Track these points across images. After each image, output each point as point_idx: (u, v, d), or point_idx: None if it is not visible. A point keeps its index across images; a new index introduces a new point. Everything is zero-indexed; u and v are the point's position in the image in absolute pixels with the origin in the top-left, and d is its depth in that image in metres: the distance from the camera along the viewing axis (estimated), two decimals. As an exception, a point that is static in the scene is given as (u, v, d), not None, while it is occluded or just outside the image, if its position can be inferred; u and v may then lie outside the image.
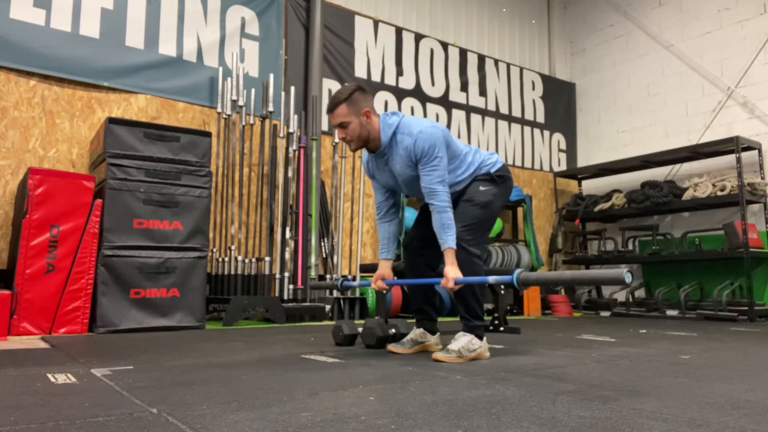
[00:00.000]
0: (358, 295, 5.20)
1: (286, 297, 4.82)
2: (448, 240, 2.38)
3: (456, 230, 2.42)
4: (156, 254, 3.73)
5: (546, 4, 8.18)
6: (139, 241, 3.69)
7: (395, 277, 2.72)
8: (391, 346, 2.69)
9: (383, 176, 2.67)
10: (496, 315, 3.96)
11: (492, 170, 2.63)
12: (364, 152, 2.68)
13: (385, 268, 2.68)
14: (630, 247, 6.70)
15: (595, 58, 7.81)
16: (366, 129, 2.50)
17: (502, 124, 7.25)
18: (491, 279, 2.24)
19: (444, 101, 6.69)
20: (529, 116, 7.56)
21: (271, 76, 5.10)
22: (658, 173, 6.78)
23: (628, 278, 1.69)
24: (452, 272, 2.34)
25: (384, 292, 2.87)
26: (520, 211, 6.91)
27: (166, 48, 4.86)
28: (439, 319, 2.87)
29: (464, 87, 6.91)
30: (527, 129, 7.51)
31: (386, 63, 6.25)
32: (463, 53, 6.99)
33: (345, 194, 5.64)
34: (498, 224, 6.35)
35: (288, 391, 1.69)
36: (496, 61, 7.32)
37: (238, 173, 4.92)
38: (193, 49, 5.00)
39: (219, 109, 4.90)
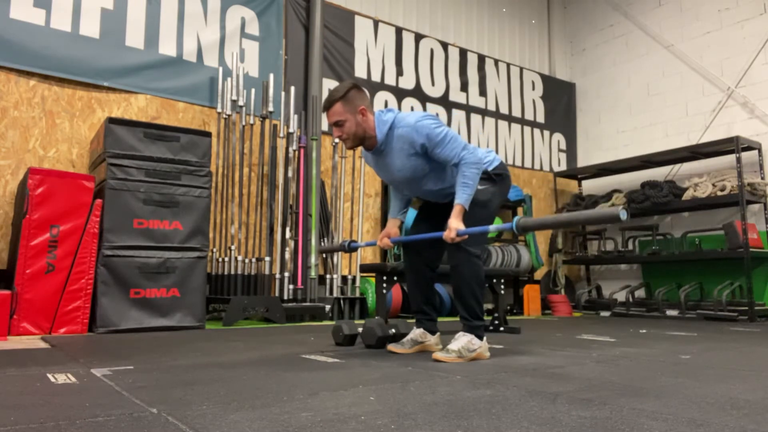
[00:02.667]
0: (357, 294, 5.21)
1: (286, 297, 4.82)
2: (461, 196, 2.40)
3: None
4: (156, 254, 3.73)
5: (546, 4, 8.18)
6: (139, 241, 3.69)
7: (400, 237, 2.75)
8: (391, 346, 2.69)
9: (382, 173, 2.67)
10: (496, 315, 3.96)
11: (489, 168, 2.62)
12: (363, 149, 2.68)
13: (392, 226, 2.74)
14: (630, 247, 6.70)
15: (595, 58, 7.81)
16: (362, 127, 2.50)
17: (502, 124, 7.25)
18: (492, 227, 2.33)
19: (444, 101, 6.69)
20: (529, 116, 7.56)
21: (271, 76, 5.10)
22: (658, 173, 6.78)
23: (623, 215, 1.71)
24: (455, 223, 2.37)
25: (391, 247, 2.87)
26: (520, 211, 6.91)
27: (166, 48, 4.86)
28: (439, 319, 2.87)
29: (464, 87, 6.91)
30: (527, 129, 7.51)
31: (386, 63, 6.25)
32: (463, 53, 6.99)
33: (345, 194, 5.64)
34: (498, 224, 6.34)
35: (288, 391, 1.69)
36: (496, 61, 7.32)
37: (238, 173, 4.92)
38: (193, 49, 5.00)
39: (219, 109, 4.90)
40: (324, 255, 5.32)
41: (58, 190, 3.52)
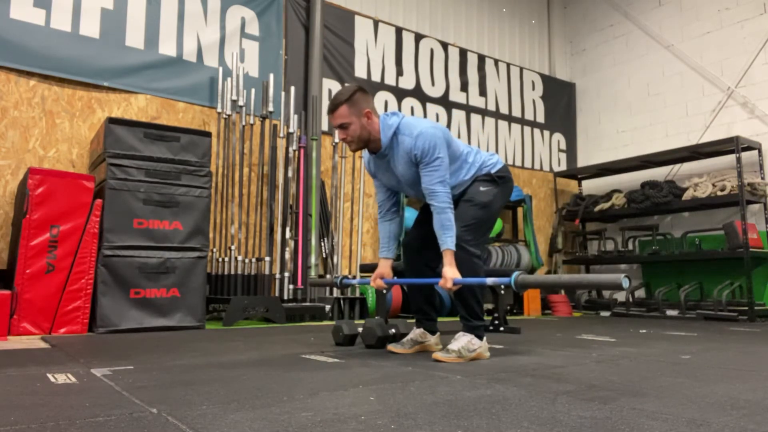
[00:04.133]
0: (357, 294, 5.20)
1: (286, 297, 4.82)
2: (447, 241, 2.39)
3: (456, 230, 2.42)
4: (156, 254, 3.73)
5: (546, 4, 8.18)
6: (139, 241, 3.69)
7: (395, 277, 2.73)
8: (391, 346, 2.69)
9: (385, 177, 2.67)
10: (496, 315, 3.96)
11: (493, 171, 2.63)
12: (365, 152, 2.68)
13: (384, 267, 2.68)
14: (630, 247, 6.70)
15: (595, 58, 7.81)
16: (367, 130, 2.50)
17: (502, 124, 7.25)
18: (489, 281, 2.26)
19: (444, 101, 6.69)
20: (529, 116, 7.56)
21: (271, 76, 5.10)
22: (658, 173, 6.78)
23: (625, 284, 1.69)
24: (450, 273, 2.34)
25: (383, 291, 2.88)
26: (520, 211, 6.91)
27: (166, 48, 4.86)
28: (439, 319, 2.87)
29: (464, 87, 6.91)
30: (527, 129, 7.51)
31: (386, 63, 6.25)
32: (463, 53, 6.99)
33: (345, 194, 5.64)
34: (498, 224, 6.35)
35: (288, 391, 1.69)
36: (496, 61, 7.32)
37: (238, 173, 4.92)
38: (193, 49, 5.00)
39: (219, 109, 4.90)
40: (324, 255, 5.31)
41: (58, 190, 3.52)
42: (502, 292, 4.02)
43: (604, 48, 7.69)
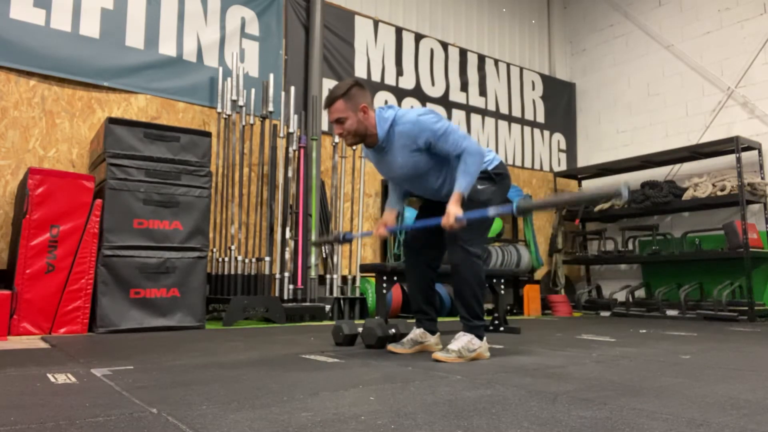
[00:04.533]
0: (357, 295, 5.20)
1: (286, 297, 4.82)
2: (461, 184, 2.39)
3: (456, 230, 2.41)
4: (156, 254, 3.73)
5: (546, 4, 8.18)
6: (139, 241, 3.69)
7: (397, 226, 2.75)
8: (391, 346, 2.69)
9: (383, 170, 2.67)
10: (496, 315, 3.96)
11: (489, 168, 2.62)
12: (363, 146, 2.68)
13: (389, 215, 2.75)
14: (630, 247, 6.70)
15: (595, 58, 7.81)
16: (363, 125, 2.50)
17: (502, 124, 7.25)
18: (491, 211, 2.30)
19: (444, 101, 6.69)
20: (529, 116, 7.56)
21: (271, 76, 5.10)
22: (658, 173, 6.78)
23: (625, 192, 1.69)
24: (454, 209, 2.35)
25: (387, 233, 2.86)
26: (520, 211, 6.89)
27: (166, 48, 4.86)
28: (439, 319, 2.87)
29: (464, 87, 6.91)
30: (527, 129, 7.51)
31: (386, 63, 6.25)
32: (463, 53, 6.99)
33: (345, 194, 5.64)
34: (498, 224, 6.35)
35: (288, 391, 1.69)
36: (496, 61, 7.32)
37: (238, 173, 4.92)
38: (193, 49, 5.00)
39: (219, 109, 4.90)
40: (323, 254, 5.31)
41: (58, 190, 3.52)
42: (502, 291, 4.02)
43: (604, 48, 7.69)
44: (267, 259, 4.80)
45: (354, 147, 3.81)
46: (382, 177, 2.79)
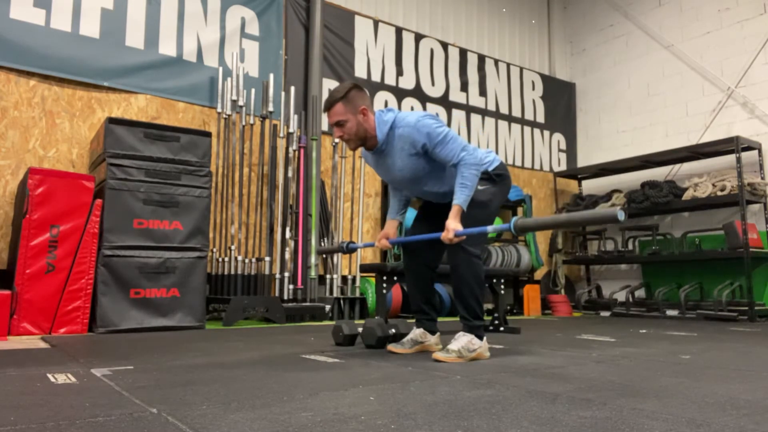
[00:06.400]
0: (357, 295, 5.20)
1: (286, 297, 4.82)
2: (459, 197, 2.39)
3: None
4: (156, 254, 3.73)
5: (546, 4, 8.18)
6: (139, 241, 3.69)
7: (398, 238, 2.75)
8: (391, 346, 2.69)
9: (382, 173, 2.67)
10: (496, 315, 3.96)
11: (490, 169, 2.62)
12: (363, 149, 2.67)
13: (390, 227, 2.74)
14: (630, 247, 6.70)
15: (595, 58, 7.81)
16: (363, 127, 2.50)
17: (502, 124, 7.25)
18: (490, 228, 2.30)
19: (444, 101, 6.69)
20: (529, 116, 7.56)
21: (271, 76, 5.10)
22: (658, 173, 6.78)
23: (620, 215, 1.70)
24: (453, 224, 2.35)
25: (388, 249, 2.87)
26: (520, 211, 6.91)
27: (166, 48, 4.86)
28: (439, 319, 2.87)
29: (464, 87, 6.91)
30: (527, 129, 7.51)
31: (386, 63, 6.25)
32: (463, 53, 6.99)
33: (345, 194, 5.64)
34: (497, 223, 6.34)
35: (288, 391, 1.69)
36: (496, 61, 7.32)
37: (238, 173, 4.92)
38: (193, 49, 5.00)
39: (219, 109, 4.90)
40: (324, 255, 5.31)
41: (58, 190, 3.52)
42: (502, 291, 4.02)
43: (604, 48, 7.69)
44: (267, 259, 4.80)
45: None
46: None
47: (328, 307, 4.76)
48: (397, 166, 2.53)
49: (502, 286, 4.01)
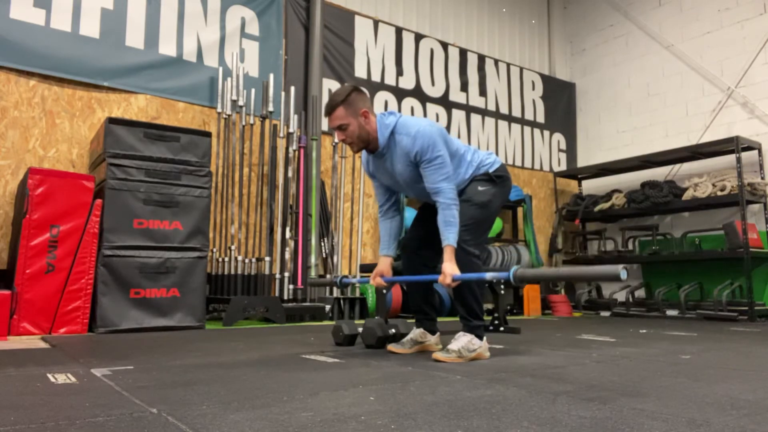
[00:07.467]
0: (357, 294, 5.20)
1: (286, 297, 4.82)
2: (449, 237, 2.38)
3: None
4: (156, 254, 3.73)
5: (546, 4, 8.18)
6: (139, 241, 3.69)
7: (394, 276, 2.72)
8: (391, 346, 2.69)
9: (383, 176, 2.67)
10: (496, 315, 3.96)
11: (490, 170, 2.63)
12: (364, 152, 2.67)
13: (384, 265, 2.66)
14: (630, 247, 6.70)
15: (595, 58, 7.81)
16: (365, 129, 2.50)
17: (502, 124, 7.25)
18: (488, 275, 2.25)
19: (444, 101, 6.69)
20: (529, 116, 7.56)
21: (271, 76, 5.10)
22: (658, 173, 6.78)
23: (623, 275, 1.69)
24: (450, 269, 2.34)
25: (383, 290, 2.87)
26: (520, 211, 6.91)
27: (166, 48, 4.85)
28: (439, 319, 2.88)
29: (464, 87, 6.91)
30: (527, 129, 7.51)
31: (386, 63, 6.25)
32: (463, 53, 6.99)
33: (345, 194, 5.64)
34: (498, 224, 6.35)
35: (288, 391, 1.69)
36: (496, 61, 7.32)
37: (238, 173, 4.92)
38: (193, 49, 5.00)
39: (219, 109, 4.90)
40: (324, 255, 5.31)
41: (58, 190, 3.52)
42: (502, 291, 4.02)
43: (604, 48, 7.69)
44: (267, 259, 4.80)
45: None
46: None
47: (328, 307, 4.76)
48: (398, 169, 2.54)
49: (502, 286, 4.01)
